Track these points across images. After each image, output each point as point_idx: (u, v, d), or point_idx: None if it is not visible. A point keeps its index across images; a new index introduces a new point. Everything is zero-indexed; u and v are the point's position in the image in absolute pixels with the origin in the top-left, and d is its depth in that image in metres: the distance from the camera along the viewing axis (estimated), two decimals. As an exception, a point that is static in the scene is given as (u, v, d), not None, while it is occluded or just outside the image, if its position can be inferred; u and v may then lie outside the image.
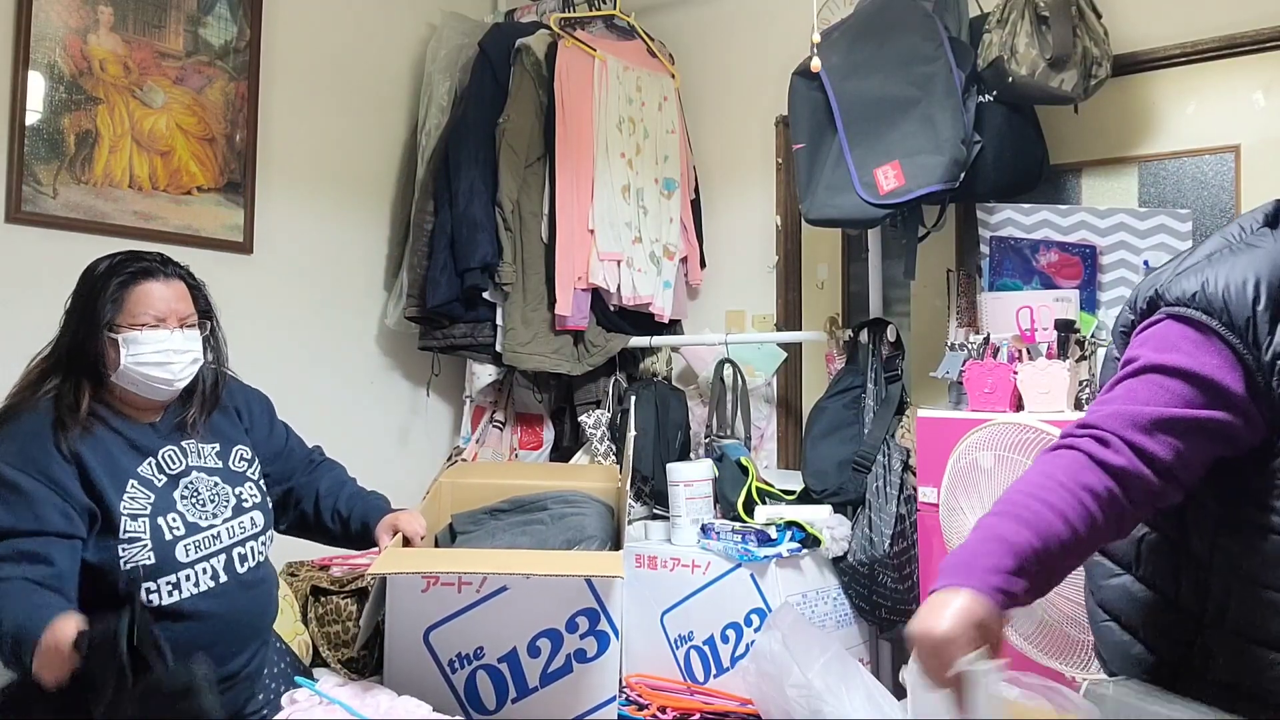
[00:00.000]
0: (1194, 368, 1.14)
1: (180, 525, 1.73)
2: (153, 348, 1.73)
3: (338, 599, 2.30)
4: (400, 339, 3.10)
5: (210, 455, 1.84)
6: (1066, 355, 2.14)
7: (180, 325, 1.77)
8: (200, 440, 1.83)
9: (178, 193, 2.55)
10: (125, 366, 1.71)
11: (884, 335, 2.58)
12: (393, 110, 3.15)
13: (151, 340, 1.73)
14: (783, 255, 3.03)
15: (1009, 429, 1.82)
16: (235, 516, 1.81)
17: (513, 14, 3.25)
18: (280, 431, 2.03)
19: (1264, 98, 2.32)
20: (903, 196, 2.25)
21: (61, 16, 2.33)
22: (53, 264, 2.30)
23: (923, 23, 2.31)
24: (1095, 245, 2.37)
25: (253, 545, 1.82)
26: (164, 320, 1.75)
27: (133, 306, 1.73)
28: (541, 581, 1.90)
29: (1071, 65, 2.24)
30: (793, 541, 2.35)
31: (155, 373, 1.73)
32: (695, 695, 2.29)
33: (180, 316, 1.78)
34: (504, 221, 2.84)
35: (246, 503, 1.84)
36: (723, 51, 3.20)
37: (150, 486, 1.73)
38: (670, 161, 3.10)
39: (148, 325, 1.73)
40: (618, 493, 2.29)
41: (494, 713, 1.92)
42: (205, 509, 1.77)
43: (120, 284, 1.74)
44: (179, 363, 1.75)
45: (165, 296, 1.76)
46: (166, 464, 1.77)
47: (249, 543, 1.81)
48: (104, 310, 1.71)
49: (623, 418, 2.87)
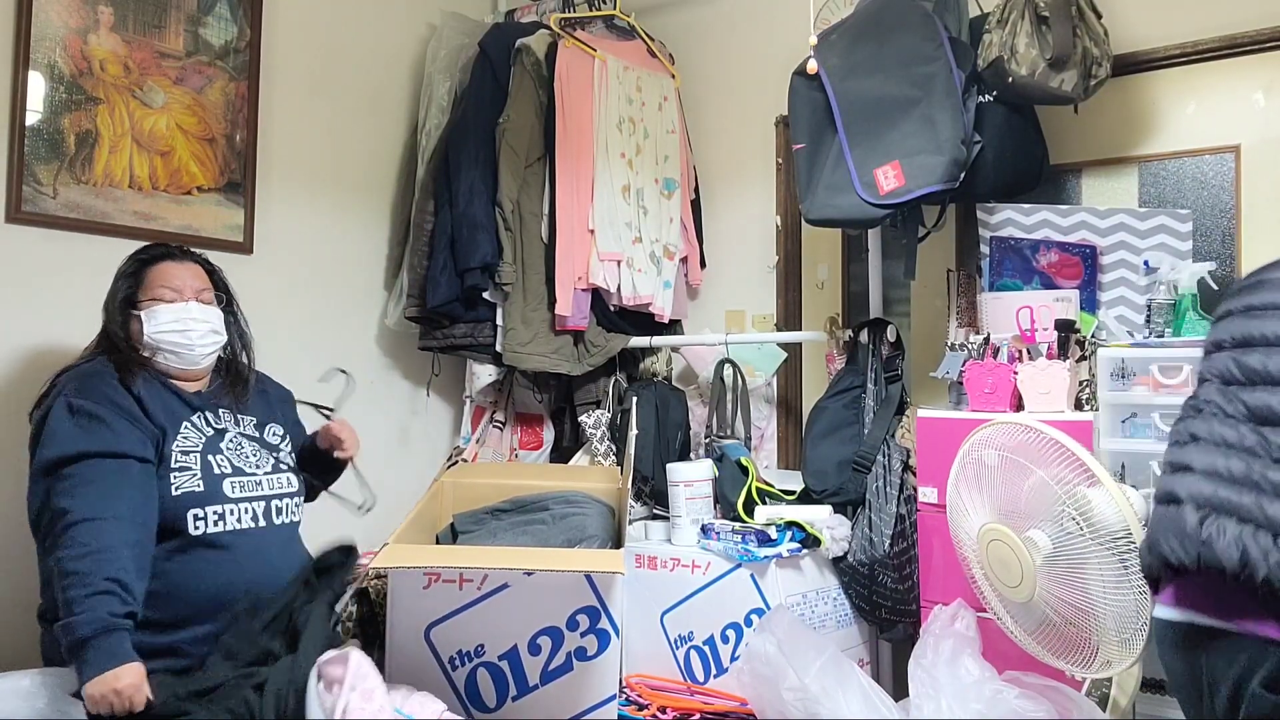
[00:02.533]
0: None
1: (228, 465, 1.91)
2: (170, 317, 1.92)
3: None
4: (400, 339, 3.10)
5: (249, 425, 2.02)
6: (1067, 355, 2.14)
7: (196, 298, 1.96)
8: (239, 412, 2.02)
9: (178, 193, 2.55)
10: (149, 337, 1.90)
11: (884, 335, 2.58)
12: (393, 110, 3.15)
13: (169, 311, 1.92)
14: (783, 255, 3.03)
15: (1014, 429, 1.82)
16: (274, 472, 1.99)
17: (513, 14, 3.25)
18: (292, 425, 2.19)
19: (1264, 98, 2.32)
20: (903, 196, 2.25)
21: (61, 16, 2.33)
22: (53, 264, 2.31)
23: (923, 23, 2.31)
24: (1095, 245, 2.37)
25: (289, 503, 2.00)
26: (180, 293, 1.94)
27: (151, 283, 1.94)
28: (542, 579, 1.90)
29: (1071, 65, 2.24)
30: (793, 542, 2.35)
31: (176, 339, 1.92)
32: (695, 695, 2.29)
33: (196, 290, 1.96)
34: (504, 221, 2.84)
35: (283, 465, 2.03)
36: (723, 51, 3.20)
37: (201, 431, 1.92)
38: (670, 161, 3.10)
39: (164, 300, 1.92)
40: (618, 493, 2.29)
41: (494, 710, 1.92)
42: (249, 460, 1.96)
43: (140, 264, 1.96)
44: (197, 330, 1.93)
45: (180, 273, 1.97)
46: (211, 420, 1.95)
47: (285, 499, 1.99)
48: (126, 289, 1.93)
49: (623, 418, 2.87)
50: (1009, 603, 1.90)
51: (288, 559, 1.94)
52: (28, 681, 1.70)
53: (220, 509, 1.85)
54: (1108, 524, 1.65)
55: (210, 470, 1.87)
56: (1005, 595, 1.87)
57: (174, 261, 1.98)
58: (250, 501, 1.91)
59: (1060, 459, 1.72)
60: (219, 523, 1.84)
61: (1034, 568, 1.75)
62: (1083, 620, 1.73)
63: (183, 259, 2.00)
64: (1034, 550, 1.74)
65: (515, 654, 1.91)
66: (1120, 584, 1.65)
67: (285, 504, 1.98)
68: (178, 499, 1.82)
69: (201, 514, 1.83)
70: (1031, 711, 1.79)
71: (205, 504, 1.83)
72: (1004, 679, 1.87)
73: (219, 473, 1.88)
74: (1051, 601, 1.77)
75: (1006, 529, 1.79)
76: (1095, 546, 1.67)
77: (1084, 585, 1.70)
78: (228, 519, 1.86)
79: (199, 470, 1.85)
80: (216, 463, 1.89)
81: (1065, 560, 1.72)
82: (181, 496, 1.82)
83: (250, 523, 1.89)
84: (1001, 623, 1.94)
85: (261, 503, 1.93)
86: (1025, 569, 1.76)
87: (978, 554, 1.92)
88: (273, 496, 1.96)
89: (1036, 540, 1.74)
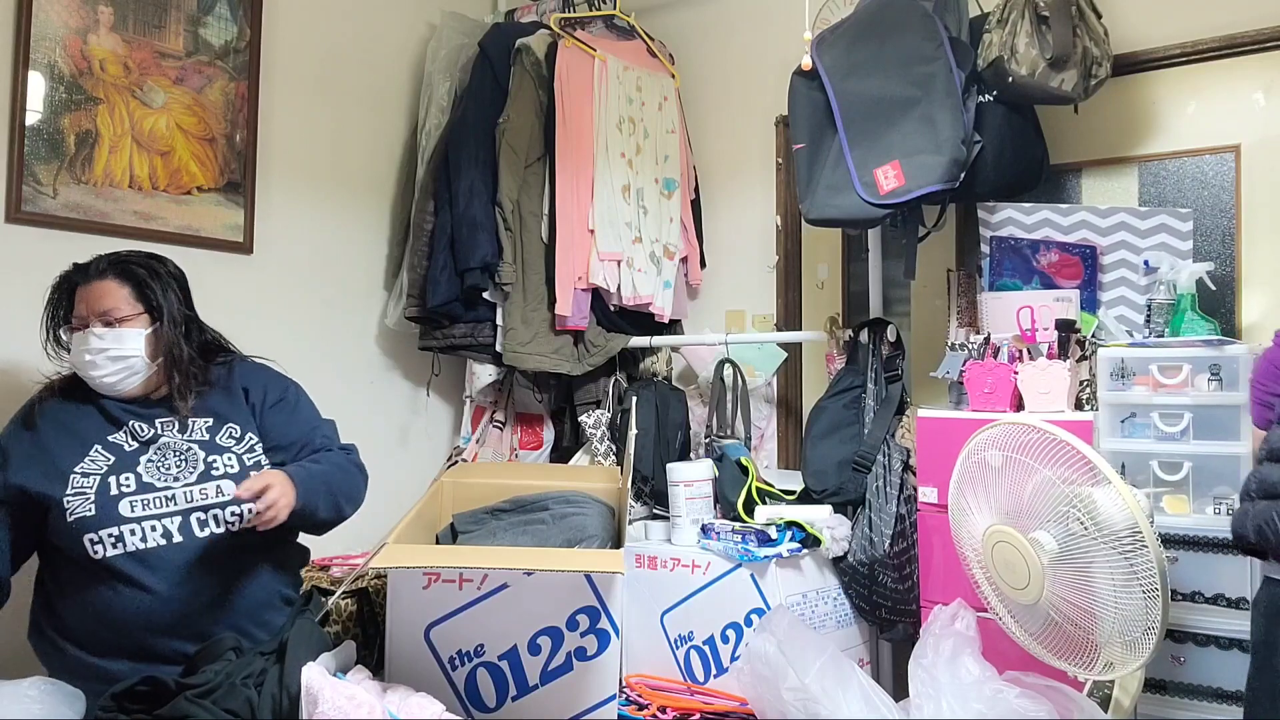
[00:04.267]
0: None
1: (132, 483, 1.81)
2: (79, 347, 1.86)
3: (341, 600, 2.29)
4: (400, 339, 3.10)
5: (200, 429, 1.92)
6: (1067, 355, 2.14)
7: (102, 323, 1.85)
8: (193, 414, 1.92)
9: (178, 193, 2.55)
10: (70, 363, 1.88)
11: (884, 335, 2.58)
12: (393, 110, 3.15)
13: (78, 341, 1.86)
14: (783, 255, 3.03)
15: (1018, 429, 1.82)
16: (200, 482, 1.85)
17: (513, 14, 3.26)
18: (303, 420, 2.06)
19: (1264, 98, 2.32)
20: (903, 196, 2.25)
21: (61, 16, 2.33)
22: (53, 264, 2.29)
23: (923, 23, 2.31)
24: (1096, 245, 2.37)
25: (216, 514, 1.85)
26: (85, 321, 1.86)
27: (70, 310, 1.89)
28: (542, 579, 1.90)
29: (1071, 65, 2.24)
30: (793, 541, 2.35)
31: (89, 371, 1.85)
32: (695, 695, 2.29)
33: (99, 314, 1.85)
34: (504, 221, 2.84)
35: (217, 470, 1.88)
36: (723, 51, 3.20)
37: (116, 451, 1.84)
38: (670, 161, 3.10)
39: (76, 328, 1.86)
40: (618, 493, 2.29)
41: (494, 710, 1.91)
42: (169, 472, 1.85)
43: (55, 288, 1.91)
44: (98, 360, 1.84)
45: (85, 298, 1.87)
46: (137, 432, 1.87)
47: (214, 510, 1.85)
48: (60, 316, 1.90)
49: (623, 418, 2.86)
50: (1013, 604, 1.89)
51: (228, 571, 1.84)
52: (28, 687, 1.70)
53: (116, 530, 1.77)
54: (1114, 524, 1.65)
55: (106, 492, 1.78)
56: (1010, 597, 1.87)
57: (82, 285, 1.88)
58: (159, 519, 1.80)
59: (1064, 458, 1.72)
60: (117, 544, 1.76)
61: (1041, 569, 1.74)
62: (1087, 621, 1.73)
63: (90, 280, 1.87)
64: (1040, 551, 1.74)
65: (515, 654, 1.91)
66: (1129, 584, 1.64)
67: (213, 515, 1.84)
68: (71, 525, 1.76)
69: (97, 538, 1.76)
70: (1032, 711, 1.78)
71: (98, 528, 1.76)
72: (1004, 679, 1.87)
73: (116, 493, 1.79)
74: (1057, 603, 1.77)
75: (1012, 530, 1.78)
76: (1102, 547, 1.67)
77: (1091, 586, 1.70)
78: (128, 540, 1.77)
79: (93, 494, 1.78)
80: (118, 482, 1.80)
81: (1072, 561, 1.72)
82: (74, 523, 1.76)
83: (160, 540, 1.79)
84: (1003, 623, 1.93)
85: (176, 518, 1.81)
86: (1032, 571, 1.76)
87: (981, 556, 1.92)
88: (195, 509, 1.83)
89: (1042, 541, 1.74)
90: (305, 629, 1.78)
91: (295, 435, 2.02)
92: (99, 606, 1.77)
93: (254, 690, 1.62)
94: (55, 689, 1.70)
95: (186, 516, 1.82)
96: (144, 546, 1.77)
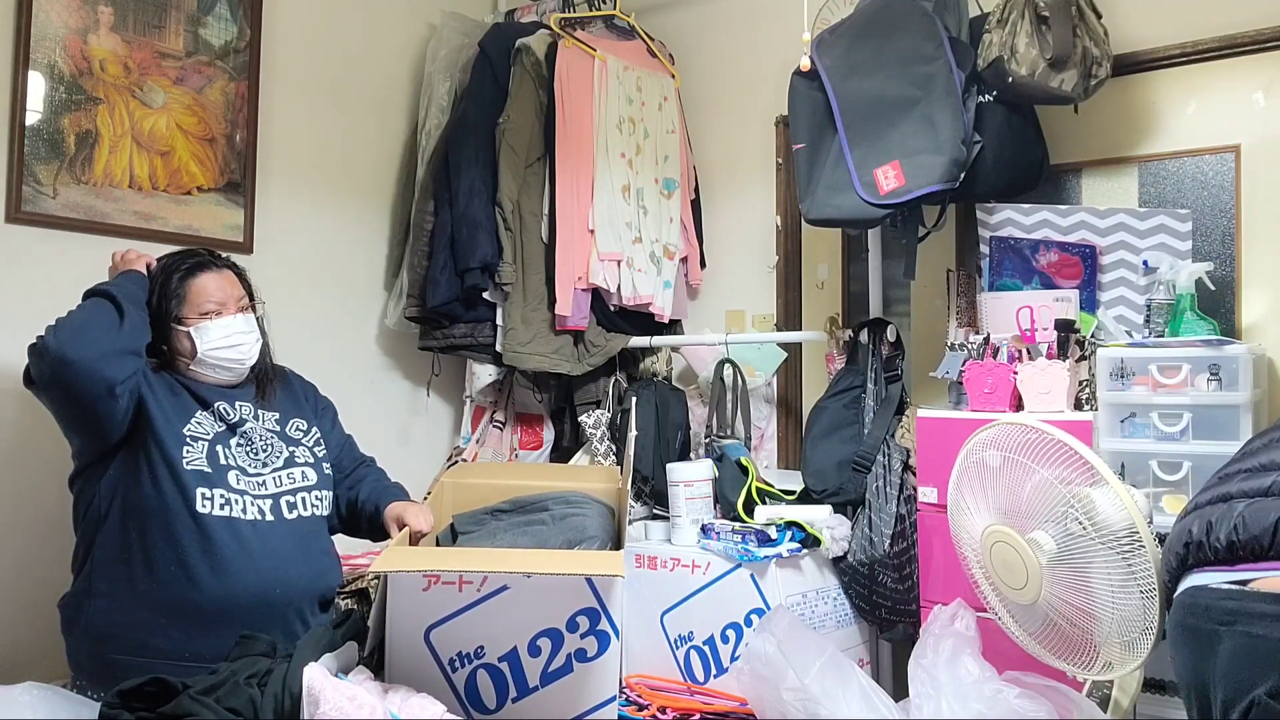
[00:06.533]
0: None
1: (234, 459, 1.93)
2: (221, 333, 1.97)
3: (340, 599, 2.29)
4: (400, 339, 3.10)
5: (270, 419, 2.04)
6: (1066, 355, 2.14)
7: (238, 309, 2.01)
8: (262, 407, 2.04)
9: (178, 193, 2.55)
10: (202, 354, 1.95)
11: (884, 335, 2.58)
12: (393, 110, 3.15)
13: (218, 326, 1.97)
14: (783, 255, 3.03)
15: (1017, 429, 1.82)
16: (287, 467, 2.00)
17: (513, 14, 3.25)
18: (340, 432, 2.26)
19: (1264, 98, 2.32)
20: (903, 196, 2.25)
21: (61, 16, 2.33)
22: (53, 264, 2.31)
23: (923, 23, 2.31)
24: (1095, 245, 2.37)
25: (305, 496, 2.01)
26: (224, 306, 1.97)
27: (194, 297, 1.96)
28: (542, 581, 1.90)
29: (1071, 65, 2.24)
30: (793, 541, 2.35)
31: (229, 354, 1.98)
32: (695, 695, 2.29)
33: (236, 300, 2.01)
34: (504, 221, 2.84)
35: (299, 459, 2.03)
36: (722, 51, 3.20)
37: (214, 427, 1.95)
38: (670, 161, 3.10)
39: (211, 314, 1.96)
40: (618, 493, 2.29)
41: (494, 712, 1.91)
42: (257, 457, 1.97)
43: (179, 279, 1.96)
44: (246, 343, 2.00)
45: (220, 285, 1.99)
46: (224, 414, 1.97)
47: (301, 493, 2.00)
48: (170, 306, 1.94)
49: (623, 418, 2.86)
50: (1012, 604, 1.90)
51: (305, 552, 1.97)
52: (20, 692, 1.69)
53: (225, 494, 1.89)
54: (1112, 524, 1.65)
55: (216, 459, 1.91)
56: (1009, 597, 1.87)
57: (210, 273, 2.00)
58: (258, 498, 1.93)
59: (1063, 459, 1.72)
60: (225, 507, 1.88)
61: (1039, 569, 1.74)
62: (1086, 622, 1.73)
63: (220, 268, 2.03)
64: (1039, 551, 1.74)
65: (515, 655, 1.91)
66: (1126, 585, 1.65)
67: (301, 498, 2.00)
68: (189, 473, 1.87)
69: (209, 494, 1.87)
70: (1031, 711, 1.78)
71: (211, 485, 1.88)
72: (1004, 679, 1.87)
73: (224, 463, 1.92)
74: (1056, 603, 1.77)
75: (1010, 530, 1.79)
76: (1100, 547, 1.67)
77: (1090, 586, 1.70)
78: (233, 505, 1.89)
79: (204, 455, 1.90)
80: (225, 452, 1.93)
81: (1070, 561, 1.72)
82: (191, 471, 1.87)
83: (256, 515, 1.92)
84: (1003, 623, 1.94)
85: (268, 500, 1.94)
86: (1030, 571, 1.76)
87: (980, 556, 1.92)
88: (283, 493, 1.97)
89: (1041, 541, 1.74)
90: (318, 632, 1.83)
91: (336, 443, 2.20)
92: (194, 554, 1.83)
93: (257, 689, 1.62)
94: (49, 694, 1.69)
95: (277, 500, 1.96)
96: (244, 517, 1.89)
